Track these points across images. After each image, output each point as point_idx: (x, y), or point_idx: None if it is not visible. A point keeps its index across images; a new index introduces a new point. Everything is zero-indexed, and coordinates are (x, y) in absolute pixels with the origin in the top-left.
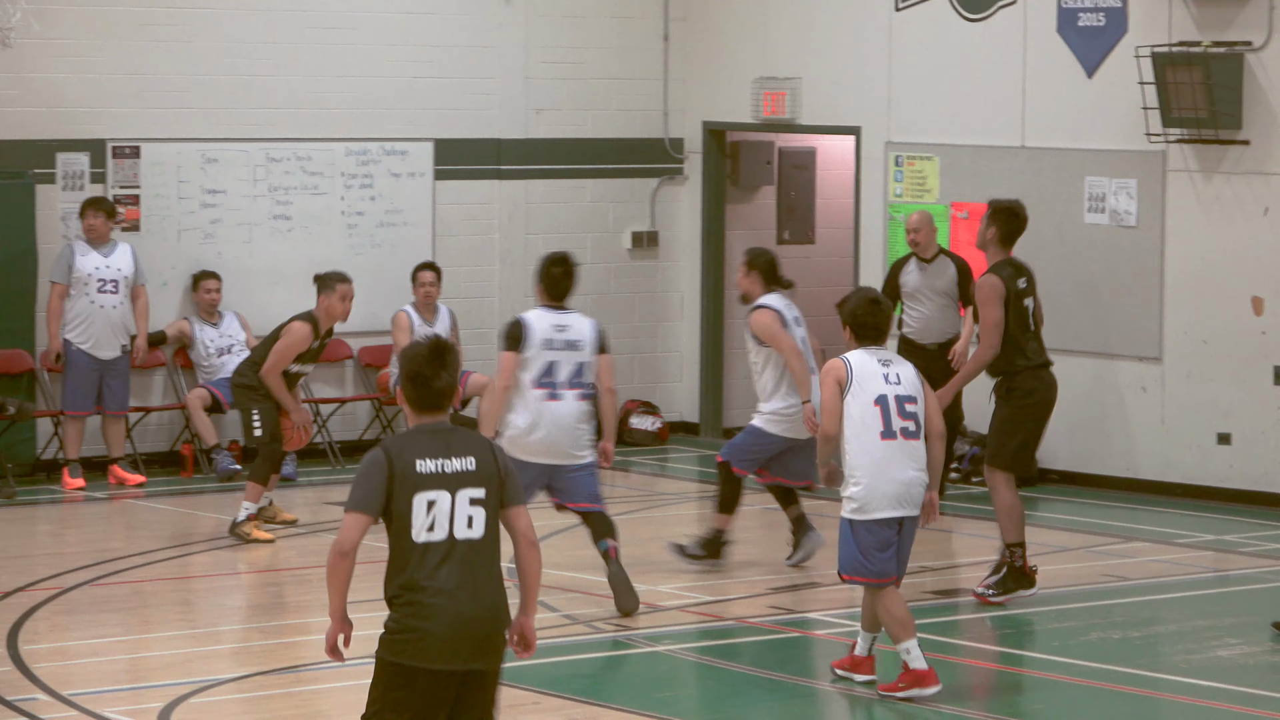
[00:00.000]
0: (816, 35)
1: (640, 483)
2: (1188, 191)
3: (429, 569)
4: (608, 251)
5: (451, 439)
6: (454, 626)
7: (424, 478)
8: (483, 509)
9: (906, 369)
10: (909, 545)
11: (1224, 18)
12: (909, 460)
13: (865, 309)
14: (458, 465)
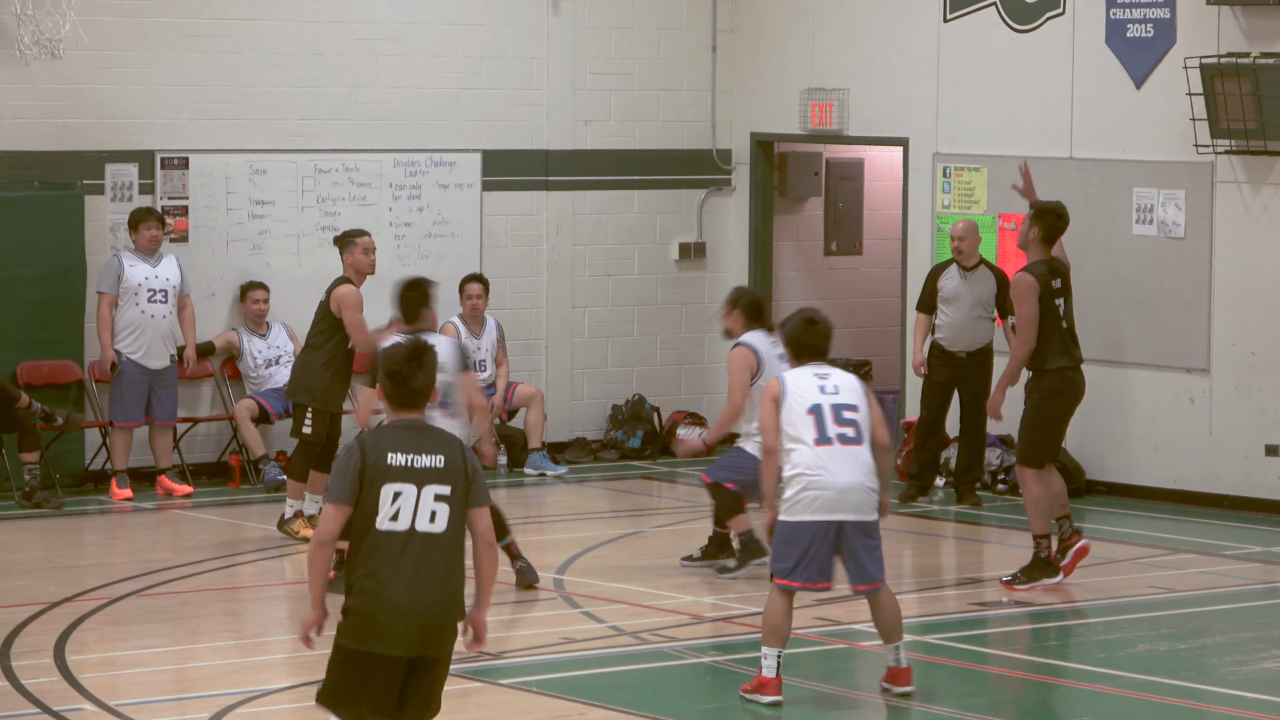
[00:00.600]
0: (864, 46)
1: (687, 494)
2: (1236, 203)
3: (388, 558)
4: (655, 262)
5: (424, 436)
6: (405, 615)
7: (393, 470)
8: (446, 505)
9: (848, 380)
10: (863, 550)
11: (1273, 28)
12: (849, 465)
13: (802, 329)
14: (427, 462)
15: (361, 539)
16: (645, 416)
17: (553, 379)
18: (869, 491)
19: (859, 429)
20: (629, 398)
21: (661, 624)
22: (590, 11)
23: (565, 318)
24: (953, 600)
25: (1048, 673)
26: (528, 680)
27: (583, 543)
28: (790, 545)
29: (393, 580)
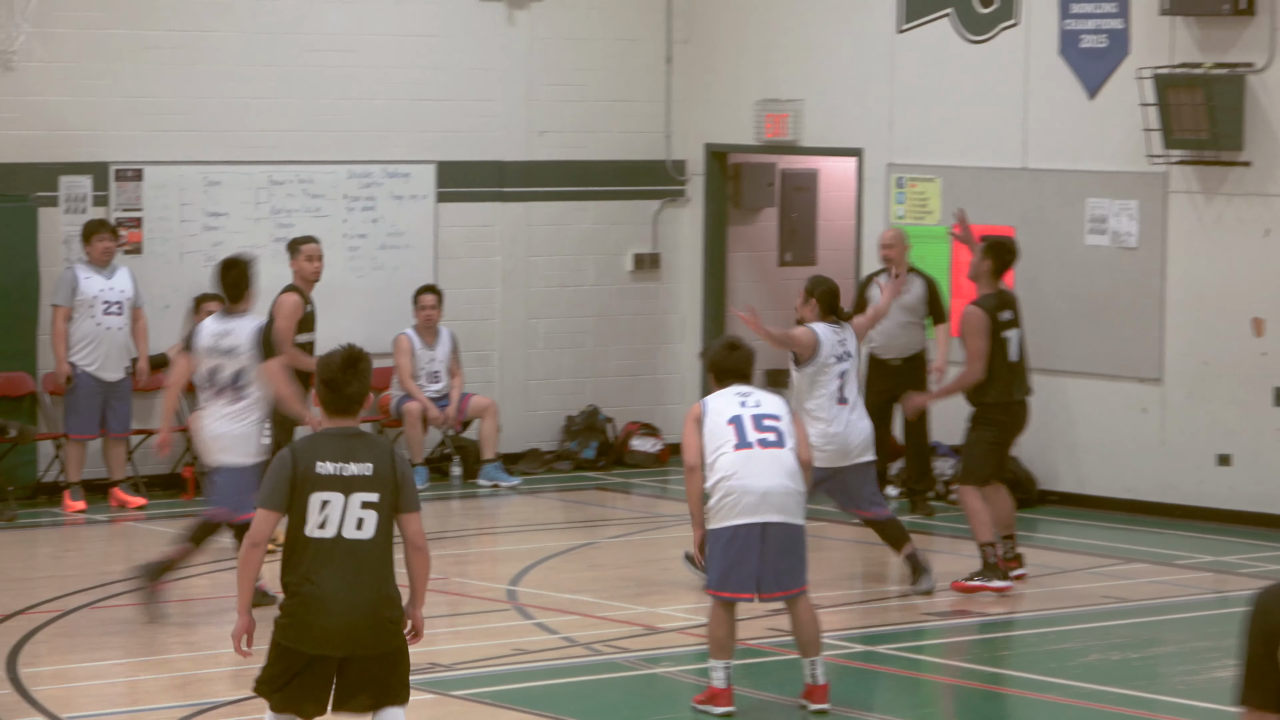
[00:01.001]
0: (818, 57)
1: (641, 504)
2: (1189, 213)
3: (316, 564)
4: (609, 273)
5: (355, 444)
6: (332, 618)
7: (322, 479)
8: (374, 512)
9: (770, 397)
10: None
11: (1225, 40)
12: (771, 467)
13: (722, 355)
14: (355, 470)
15: (293, 545)
16: (599, 427)
17: (507, 390)
18: (793, 493)
19: (780, 434)
20: (583, 409)
21: (615, 635)
22: (545, 23)
23: (519, 329)
24: (905, 611)
25: (1000, 682)
26: (480, 692)
27: (536, 554)
28: (718, 554)
29: (322, 585)
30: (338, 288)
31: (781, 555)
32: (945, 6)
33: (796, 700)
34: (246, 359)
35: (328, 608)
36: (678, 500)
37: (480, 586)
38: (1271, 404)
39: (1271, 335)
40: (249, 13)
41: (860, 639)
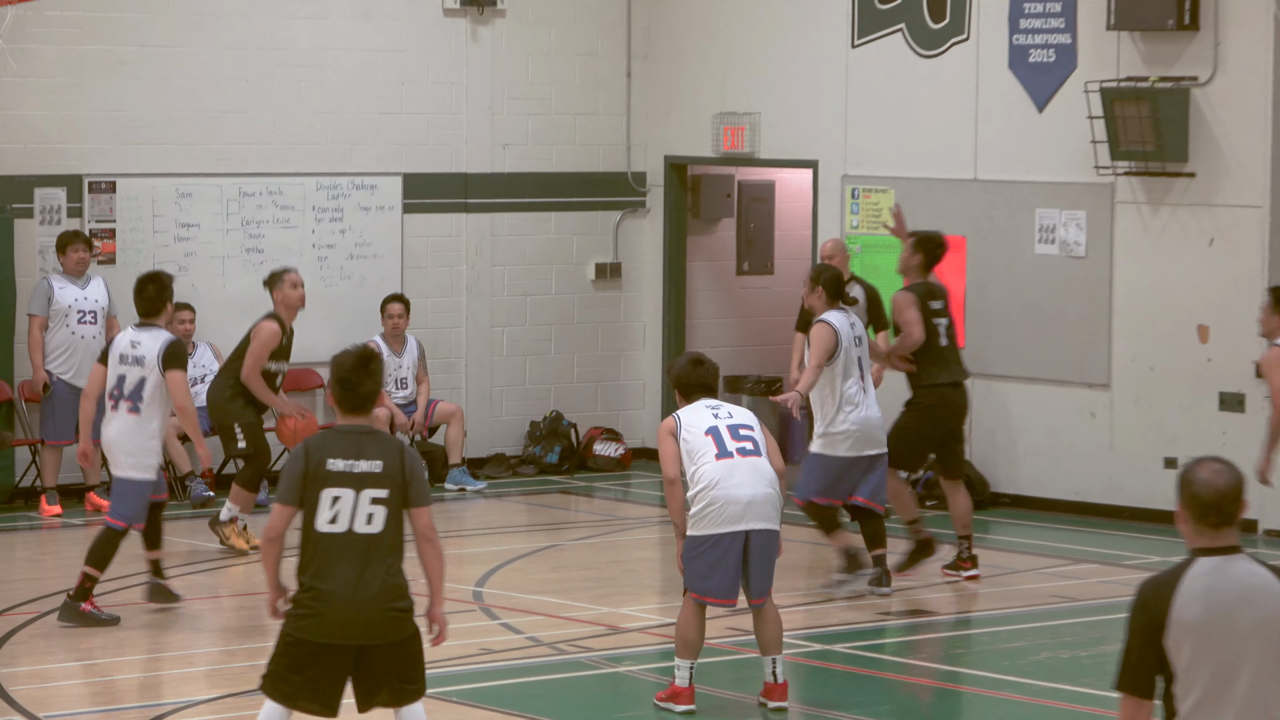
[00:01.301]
0: (775, 71)
1: (603, 507)
2: (1135, 223)
3: (328, 558)
4: (572, 282)
5: (365, 442)
6: (342, 610)
7: (333, 475)
8: (384, 507)
9: (739, 410)
10: (763, 562)
11: (1170, 54)
12: (753, 476)
13: (688, 371)
14: (365, 467)
15: (306, 540)
16: (563, 432)
17: (472, 396)
18: (773, 500)
19: (756, 443)
20: (546, 414)
21: (578, 635)
22: (508, 38)
23: (484, 337)
24: (861, 610)
25: (955, 680)
26: (448, 690)
27: (501, 556)
28: (700, 559)
29: (333, 578)
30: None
31: (762, 561)
32: (897, 22)
33: (756, 698)
34: (150, 371)
35: (337, 599)
36: (639, 504)
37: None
38: (1216, 409)
39: (1216, 342)
40: (220, 29)
41: (817, 638)
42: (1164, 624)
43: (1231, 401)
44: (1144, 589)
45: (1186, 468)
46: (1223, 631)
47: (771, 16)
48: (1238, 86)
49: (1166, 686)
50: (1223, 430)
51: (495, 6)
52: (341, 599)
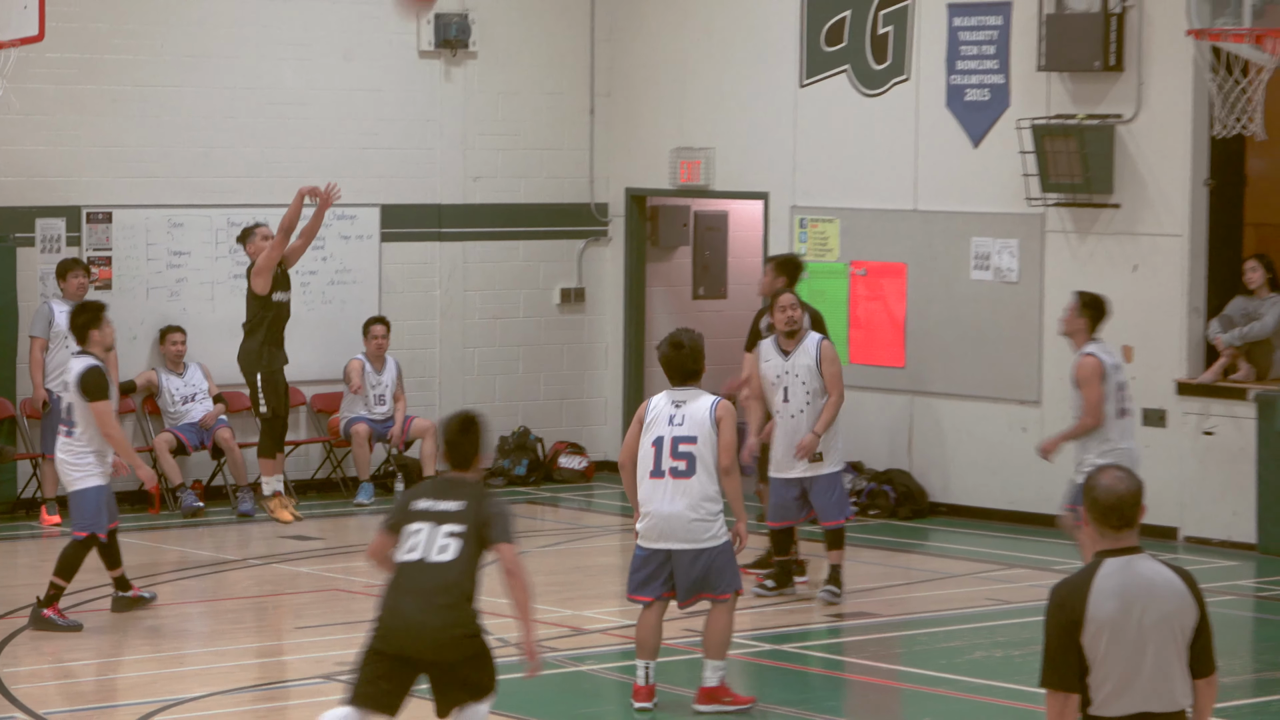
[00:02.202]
0: (728, 109)
1: (568, 517)
2: (1064, 251)
3: (403, 581)
4: (539, 306)
5: (453, 486)
6: (407, 627)
7: (416, 513)
8: (459, 540)
9: (697, 408)
10: (685, 575)
11: (1097, 93)
12: (674, 496)
13: (664, 354)
14: (445, 506)
15: (393, 567)
16: (530, 446)
17: (445, 412)
18: (692, 522)
19: (692, 462)
20: (515, 429)
21: (544, 636)
22: (479, 78)
23: (457, 357)
24: (809, 612)
25: (894, 677)
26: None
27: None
28: (637, 567)
29: (405, 600)
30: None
31: (689, 574)
32: (842, 63)
33: None
34: (74, 396)
35: (405, 616)
36: (602, 513)
37: None
38: (1140, 424)
39: (1139, 362)
40: (211, 70)
41: (767, 638)
42: (1081, 621)
43: (1154, 417)
44: (1059, 590)
45: (1090, 475)
46: (1132, 625)
47: (725, 58)
48: (1159, 123)
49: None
50: (1145, 445)
51: (467, 48)
52: (408, 617)
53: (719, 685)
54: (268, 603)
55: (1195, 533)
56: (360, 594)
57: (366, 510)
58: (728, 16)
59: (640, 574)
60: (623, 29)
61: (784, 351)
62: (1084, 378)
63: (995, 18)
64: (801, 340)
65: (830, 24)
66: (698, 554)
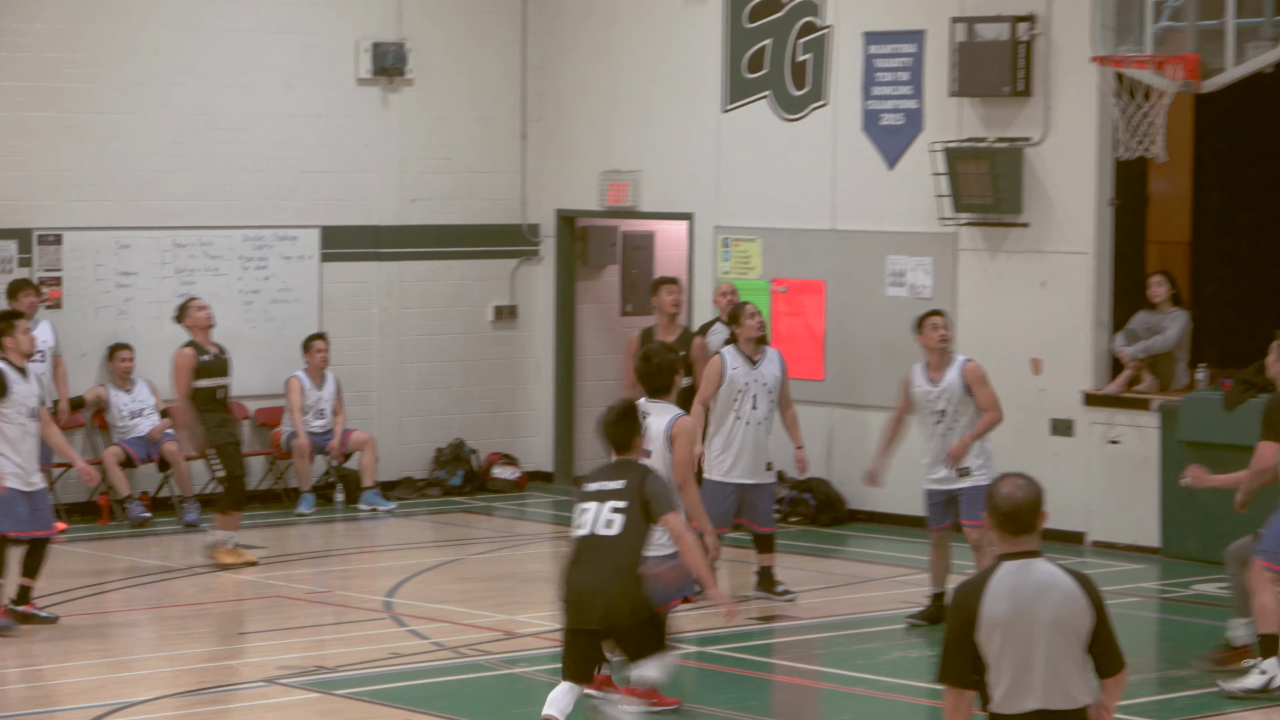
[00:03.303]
0: (654, 133)
1: (502, 525)
2: (975, 268)
3: (575, 557)
4: (473, 323)
5: (620, 468)
6: (580, 598)
7: (587, 494)
8: (622, 515)
9: (658, 422)
10: None
11: (1006, 117)
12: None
13: (636, 366)
14: (611, 485)
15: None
16: (465, 458)
17: (384, 426)
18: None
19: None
20: (450, 441)
21: (479, 639)
22: (415, 105)
23: (394, 372)
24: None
25: (815, 678)
26: (361, 691)
27: (410, 569)
28: None
29: (577, 572)
30: (235, 337)
31: None
32: (763, 89)
33: None
34: None
35: (578, 588)
36: (534, 521)
37: (360, 598)
38: (1048, 433)
39: (1048, 374)
40: (156, 97)
41: (694, 640)
42: (975, 621)
43: (1062, 427)
44: (957, 592)
45: (993, 482)
46: (1024, 625)
47: (651, 84)
48: (1066, 146)
49: (981, 677)
50: (1054, 453)
51: (404, 76)
52: (581, 590)
53: None
54: (212, 609)
55: (1102, 537)
56: (301, 600)
57: (307, 520)
58: (653, 45)
59: None
60: (553, 58)
61: (751, 360)
62: (979, 378)
63: (909, 45)
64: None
65: (751, 52)
66: None
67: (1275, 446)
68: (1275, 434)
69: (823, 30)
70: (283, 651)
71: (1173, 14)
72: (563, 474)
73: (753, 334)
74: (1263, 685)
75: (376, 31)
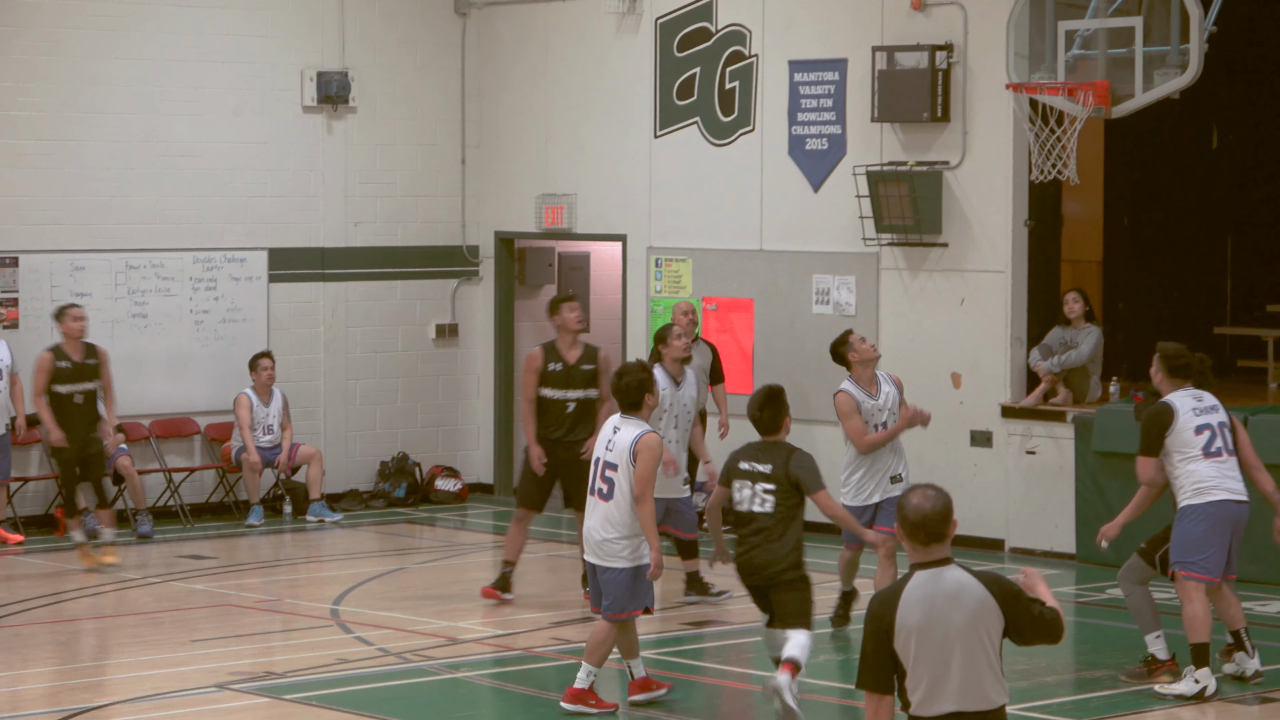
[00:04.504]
0: (588, 158)
1: (444, 535)
2: (897, 286)
3: (740, 528)
4: (415, 341)
5: (767, 449)
6: (743, 565)
7: (740, 472)
8: (772, 496)
9: (624, 438)
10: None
11: (925, 141)
12: (592, 515)
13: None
14: (760, 468)
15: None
16: (408, 471)
17: (330, 440)
18: (602, 540)
19: (612, 486)
20: (394, 455)
21: (422, 645)
22: (359, 131)
23: (340, 388)
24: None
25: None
26: (308, 695)
27: (356, 578)
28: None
29: (741, 543)
30: (186, 355)
31: (598, 587)
32: (693, 116)
33: None
34: None
35: (743, 557)
36: (476, 531)
37: (308, 606)
38: (968, 445)
39: (967, 387)
40: (109, 125)
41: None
42: (891, 630)
43: (980, 439)
44: (873, 601)
45: (903, 494)
46: (938, 631)
47: (585, 111)
48: (983, 169)
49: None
50: (974, 463)
51: (348, 104)
52: (742, 558)
53: (588, 689)
54: (165, 617)
55: (1020, 544)
56: (251, 609)
57: (257, 531)
58: (587, 74)
59: (590, 586)
60: (490, 86)
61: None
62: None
63: (832, 74)
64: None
65: (681, 80)
66: (604, 570)
67: (1150, 461)
68: (1148, 449)
69: (750, 59)
70: (233, 658)
71: (1084, 43)
72: (503, 486)
73: (678, 354)
74: (1195, 693)
75: (321, 61)
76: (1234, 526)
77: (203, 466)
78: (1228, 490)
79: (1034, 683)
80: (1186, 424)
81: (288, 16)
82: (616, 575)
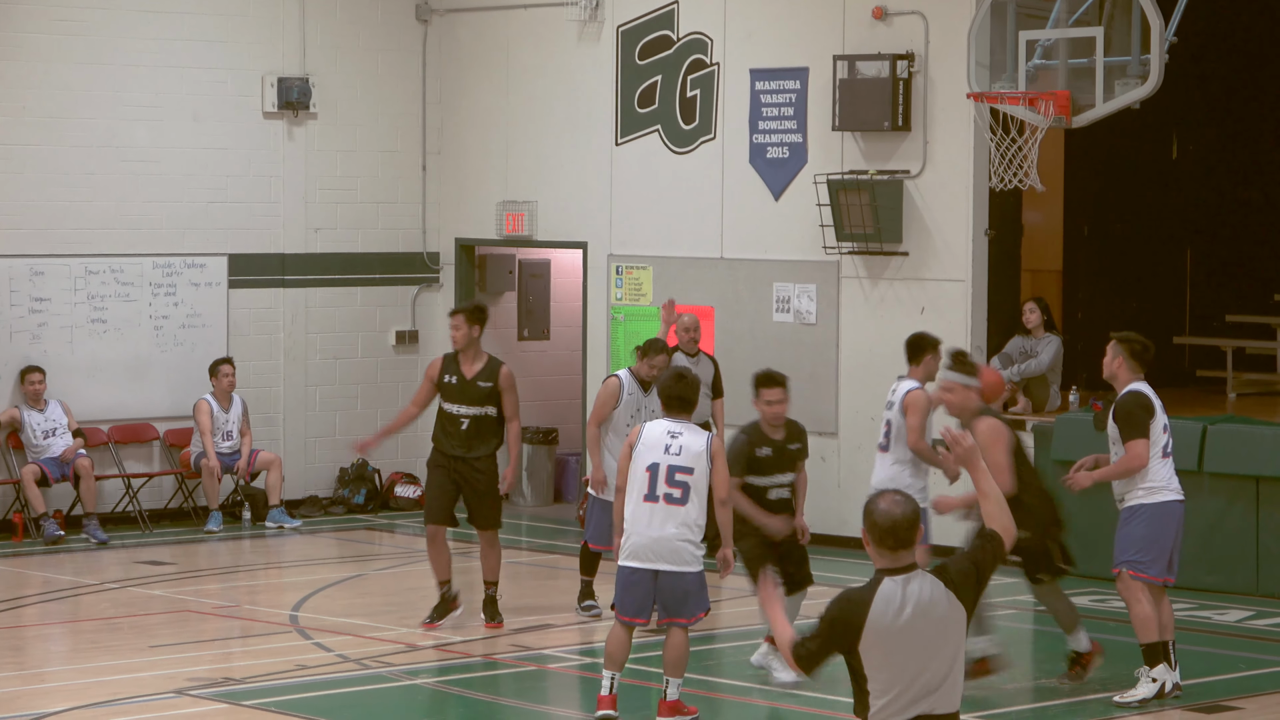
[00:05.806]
0: (549, 165)
1: (403, 541)
2: (858, 294)
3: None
4: (376, 348)
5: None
6: None
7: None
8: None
9: (694, 441)
10: (669, 593)
11: (886, 151)
12: (665, 520)
13: (668, 385)
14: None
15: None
16: (368, 477)
17: (289, 446)
18: (680, 544)
19: (686, 490)
20: (354, 461)
21: (382, 652)
22: (319, 137)
23: (300, 395)
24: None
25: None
26: (268, 701)
27: (315, 584)
28: (620, 585)
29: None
30: (145, 361)
31: (668, 594)
32: (654, 124)
33: None
34: None
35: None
36: None
37: (268, 612)
38: None
39: None
40: (68, 130)
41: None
42: (859, 633)
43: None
44: (843, 601)
45: (870, 499)
46: (907, 637)
47: (546, 118)
48: (943, 179)
49: (860, 687)
50: (935, 473)
51: (308, 110)
52: None
53: (678, 700)
54: (124, 623)
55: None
56: (210, 615)
57: (216, 537)
58: (548, 81)
59: (631, 596)
60: (452, 93)
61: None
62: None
63: (793, 82)
64: None
65: (643, 88)
66: (676, 575)
67: (1145, 441)
68: (1142, 430)
69: (711, 67)
70: (192, 664)
71: (1045, 53)
72: None
73: (645, 375)
74: (1155, 693)
75: (282, 67)
76: (1178, 527)
77: (162, 472)
78: (1174, 491)
79: (992, 691)
80: (1159, 420)
81: (249, 22)
82: (692, 579)
